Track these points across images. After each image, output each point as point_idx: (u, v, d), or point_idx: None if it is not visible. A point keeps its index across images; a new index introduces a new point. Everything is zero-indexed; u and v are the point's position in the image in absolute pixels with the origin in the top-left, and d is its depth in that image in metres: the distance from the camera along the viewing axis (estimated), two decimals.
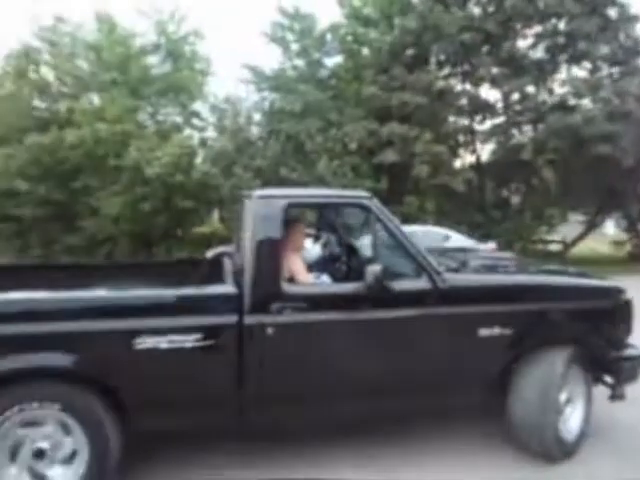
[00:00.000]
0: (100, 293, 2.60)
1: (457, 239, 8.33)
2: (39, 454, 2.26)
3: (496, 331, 2.73)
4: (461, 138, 13.98)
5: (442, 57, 14.09)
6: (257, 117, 13.86)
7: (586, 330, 3.02)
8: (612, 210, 14.08)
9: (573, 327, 3.00)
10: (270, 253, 2.57)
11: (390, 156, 11.74)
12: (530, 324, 2.84)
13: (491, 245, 8.52)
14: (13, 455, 2.24)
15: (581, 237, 14.15)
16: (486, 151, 14.20)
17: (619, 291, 3.16)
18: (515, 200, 13.82)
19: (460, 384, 2.78)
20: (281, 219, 2.63)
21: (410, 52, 13.99)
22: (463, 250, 4.90)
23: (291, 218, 3.10)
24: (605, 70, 14.12)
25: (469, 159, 14.26)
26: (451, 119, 13.61)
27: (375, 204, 2.74)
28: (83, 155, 12.68)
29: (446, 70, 14.34)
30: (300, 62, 14.22)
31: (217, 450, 2.87)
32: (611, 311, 3.09)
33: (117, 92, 13.17)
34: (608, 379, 3.11)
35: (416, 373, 2.74)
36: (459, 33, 13.01)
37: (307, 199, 3.20)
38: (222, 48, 27.51)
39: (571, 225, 14.70)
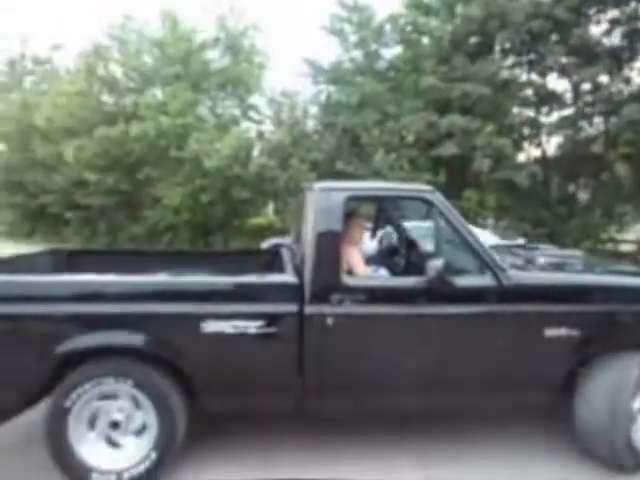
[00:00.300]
0: (170, 278, 2.73)
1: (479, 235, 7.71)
2: (114, 424, 2.44)
3: (563, 332, 2.65)
4: (526, 131, 13.34)
5: (507, 46, 13.49)
6: (313, 110, 13.92)
7: None
8: None
9: None
10: (330, 245, 2.60)
11: (449, 149, 11.41)
12: (600, 326, 2.75)
13: (520, 242, 7.97)
14: (92, 424, 2.43)
15: None
16: (552, 144, 13.49)
17: None
18: (583, 196, 13.05)
19: (522, 384, 2.72)
20: (342, 211, 2.65)
21: (473, 41, 13.51)
22: (532, 247, 4.70)
23: (350, 211, 3.11)
24: None
25: (534, 153, 13.61)
26: (515, 111, 13.00)
27: (437, 197, 2.71)
28: (147, 147, 13.27)
29: (511, 59, 13.72)
30: (358, 54, 14.11)
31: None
32: None
33: (179, 86, 13.66)
34: None
35: (476, 370, 2.70)
36: (526, 21, 12.42)
37: (368, 192, 3.20)
38: (281, 42, 27.82)
39: None
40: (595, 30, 13.58)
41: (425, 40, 14.14)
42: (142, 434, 2.45)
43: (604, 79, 12.90)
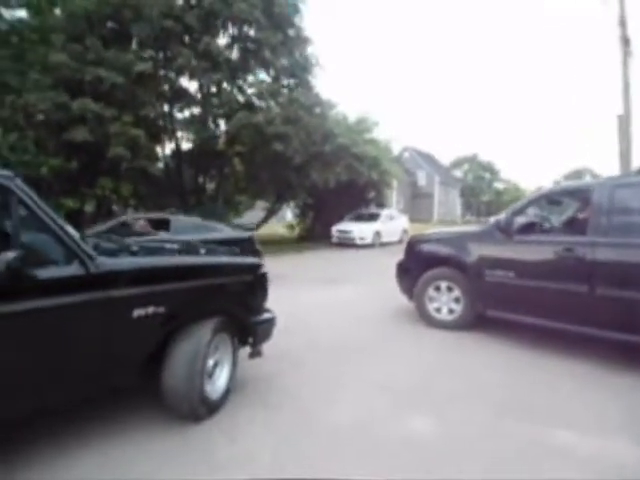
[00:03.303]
0: None
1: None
2: None
3: (150, 311, 2.87)
4: (161, 123, 14.24)
5: (144, 39, 13.95)
6: None
7: (232, 301, 3.51)
8: (288, 199, 17.07)
9: (221, 300, 3.42)
10: None
11: (82, 134, 11.09)
12: (182, 301, 3.11)
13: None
14: None
15: (264, 220, 16.69)
16: (186, 139, 14.93)
17: (258, 266, 3.84)
18: (210, 187, 15.08)
19: (119, 365, 2.86)
20: None
21: (110, 26, 13.39)
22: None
23: None
24: (284, 80, 16.73)
25: (169, 145, 14.74)
26: (152, 104, 13.63)
27: (17, 184, 2.46)
28: None
29: (148, 53, 14.20)
30: None
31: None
32: (252, 283, 3.70)
33: None
34: (250, 340, 3.66)
35: (72, 361, 2.67)
36: (160, 18, 13.16)
37: None
38: None
39: (256, 210, 17.17)
40: (221, 41, 15.68)
41: (58, 11, 13.06)
42: None
43: (226, 86, 15.10)
